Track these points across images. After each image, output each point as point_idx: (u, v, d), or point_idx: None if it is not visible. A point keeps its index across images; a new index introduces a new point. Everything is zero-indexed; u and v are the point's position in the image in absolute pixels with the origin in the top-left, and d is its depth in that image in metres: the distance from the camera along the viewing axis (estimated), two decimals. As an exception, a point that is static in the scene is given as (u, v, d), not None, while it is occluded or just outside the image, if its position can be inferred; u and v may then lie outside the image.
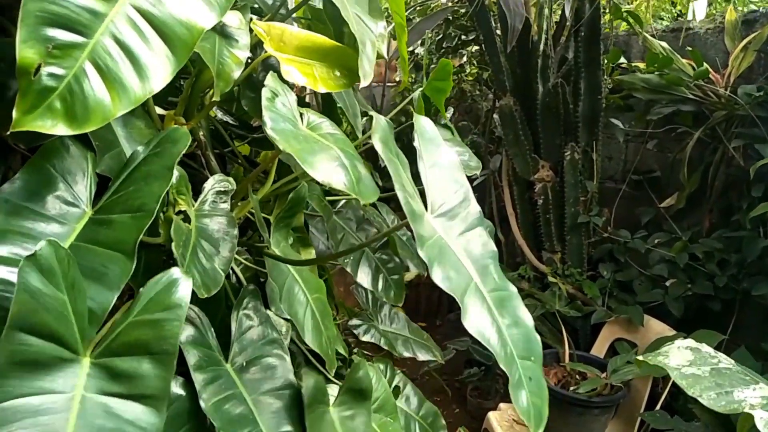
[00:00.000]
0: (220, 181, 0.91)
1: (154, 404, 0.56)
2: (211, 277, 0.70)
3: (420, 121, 0.84)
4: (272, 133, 0.69)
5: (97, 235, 0.64)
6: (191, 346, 0.78)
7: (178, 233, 0.70)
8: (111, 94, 0.53)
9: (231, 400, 0.77)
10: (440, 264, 0.67)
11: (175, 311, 0.59)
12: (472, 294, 0.68)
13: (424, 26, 2.55)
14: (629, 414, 2.16)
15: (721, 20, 2.29)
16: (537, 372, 0.69)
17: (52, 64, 0.51)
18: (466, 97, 3.12)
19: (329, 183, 0.67)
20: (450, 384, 2.89)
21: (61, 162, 0.69)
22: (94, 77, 0.53)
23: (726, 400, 1.04)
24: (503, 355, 0.66)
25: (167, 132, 0.77)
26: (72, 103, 0.51)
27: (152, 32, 0.57)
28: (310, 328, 0.93)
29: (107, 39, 0.54)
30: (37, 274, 0.53)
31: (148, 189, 0.67)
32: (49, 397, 0.52)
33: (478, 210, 0.81)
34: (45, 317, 0.53)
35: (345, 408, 0.91)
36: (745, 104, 2.03)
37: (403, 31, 1.24)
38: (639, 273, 2.39)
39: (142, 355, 0.57)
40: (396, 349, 1.50)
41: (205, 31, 0.87)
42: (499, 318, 0.69)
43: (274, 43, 0.89)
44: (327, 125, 0.85)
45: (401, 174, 0.74)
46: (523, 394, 0.65)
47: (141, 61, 0.56)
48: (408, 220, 0.69)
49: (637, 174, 2.58)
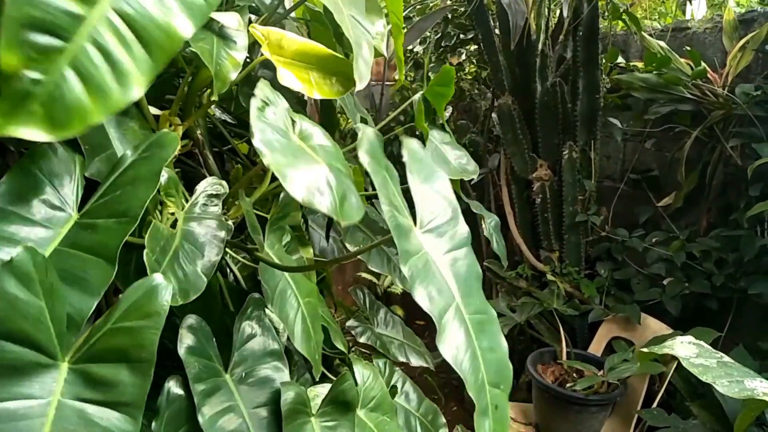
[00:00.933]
0: (212, 184, 0.91)
1: (130, 412, 0.57)
2: (191, 282, 0.70)
3: (409, 144, 0.83)
4: (259, 144, 0.66)
5: (81, 240, 0.64)
6: (191, 357, 0.78)
7: (154, 239, 0.70)
8: (92, 99, 0.53)
9: (228, 413, 0.77)
10: (422, 282, 0.66)
11: (153, 319, 0.59)
12: (451, 316, 0.67)
13: (423, 25, 2.55)
14: (626, 412, 2.17)
15: (719, 20, 2.29)
16: (504, 400, 0.68)
17: (33, 69, 0.51)
18: (465, 96, 3.12)
19: (310, 203, 0.65)
20: (448, 382, 2.90)
21: (48, 165, 0.69)
22: (75, 82, 0.52)
23: (739, 387, 1.05)
24: (473, 382, 0.65)
25: (156, 136, 0.77)
26: (52, 108, 0.51)
27: (132, 37, 0.56)
28: (300, 332, 0.93)
29: (88, 44, 0.54)
30: (14, 281, 0.53)
31: (134, 193, 0.67)
32: (26, 402, 0.53)
33: (466, 230, 0.80)
34: (22, 324, 0.54)
35: (328, 419, 0.90)
36: (743, 103, 2.03)
37: (400, 32, 1.24)
38: (636, 272, 2.39)
39: (120, 363, 0.57)
40: (390, 353, 1.50)
41: (203, 32, 0.88)
42: (476, 342, 0.68)
43: (273, 48, 0.90)
44: (319, 135, 0.83)
45: (389, 188, 0.73)
46: (487, 422, 0.65)
47: (122, 66, 0.55)
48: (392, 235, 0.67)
49: (635, 173, 2.58)
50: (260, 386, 0.85)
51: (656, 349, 1.25)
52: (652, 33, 2.44)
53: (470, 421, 2.40)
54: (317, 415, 0.90)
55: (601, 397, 2.07)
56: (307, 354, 0.91)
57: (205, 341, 0.83)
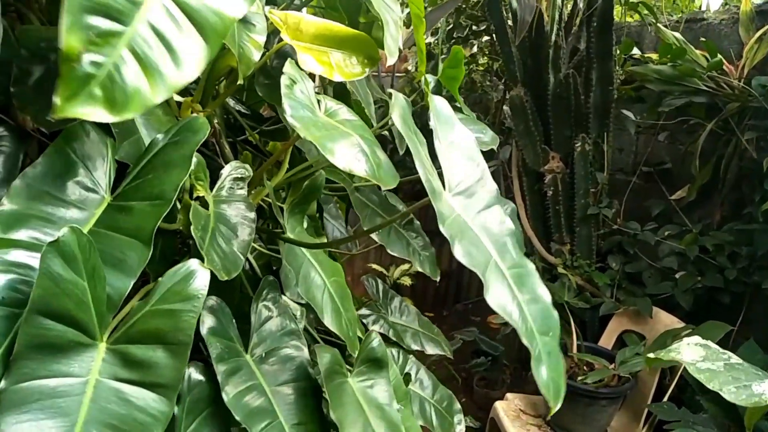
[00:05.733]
0: (237, 167, 0.91)
1: (165, 393, 0.57)
2: (231, 260, 0.70)
3: (435, 101, 0.84)
4: (292, 120, 0.69)
5: (115, 222, 0.64)
6: (213, 337, 0.78)
7: (197, 218, 0.71)
8: (149, 81, 0.53)
9: (251, 392, 0.78)
10: (461, 241, 0.67)
11: (191, 302, 0.60)
12: (492, 270, 0.68)
13: (435, 16, 2.53)
14: (636, 405, 2.17)
15: (735, 10, 2.27)
16: (555, 347, 0.69)
17: (93, 52, 0.51)
18: (477, 87, 3.11)
19: (351, 170, 0.67)
20: (457, 373, 2.90)
21: (81, 147, 0.69)
22: (133, 64, 0.53)
23: (746, 393, 1.04)
24: (524, 330, 0.66)
25: (187, 121, 0.77)
26: (112, 90, 0.51)
27: (185, 20, 0.57)
28: (330, 311, 0.93)
29: (144, 27, 0.54)
30: (60, 260, 0.53)
31: (167, 177, 0.67)
32: (65, 380, 0.53)
33: (495, 188, 0.81)
34: (65, 302, 0.54)
35: (364, 378, 0.92)
36: (759, 96, 2.01)
37: (421, 22, 1.23)
38: (648, 265, 2.38)
39: (157, 344, 0.58)
40: (404, 342, 1.50)
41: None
42: (519, 294, 0.69)
43: (291, 32, 0.89)
44: (344, 111, 0.85)
45: (420, 151, 0.74)
46: (544, 368, 0.65)
47: (176, 48, 0.55)
48: (428, 198, 0.69)
49: (648, 166, 2.57)
50: (282, 365, 0.86)
51: (662, 354, 1.24)
52: (667, 24, 2.42)
53: (479, 413, 2.40)
54: (354, 375, 0.92)
55: (611, 391, 2.07)
56: (339, 332, 0.92)
57: (225, 322, 0.83)
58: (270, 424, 0.76)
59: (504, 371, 2.88)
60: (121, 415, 0.55)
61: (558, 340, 0.70)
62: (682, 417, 1.82)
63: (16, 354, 0.53)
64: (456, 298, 3.86)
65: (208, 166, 1.05)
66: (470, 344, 2.87)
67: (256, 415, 0.75)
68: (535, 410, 2.31)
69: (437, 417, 1.40)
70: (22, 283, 0.58)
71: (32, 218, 0.61)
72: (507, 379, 2.87)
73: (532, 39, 2.47)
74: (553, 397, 0.64)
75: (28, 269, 0.59)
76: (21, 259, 0.59)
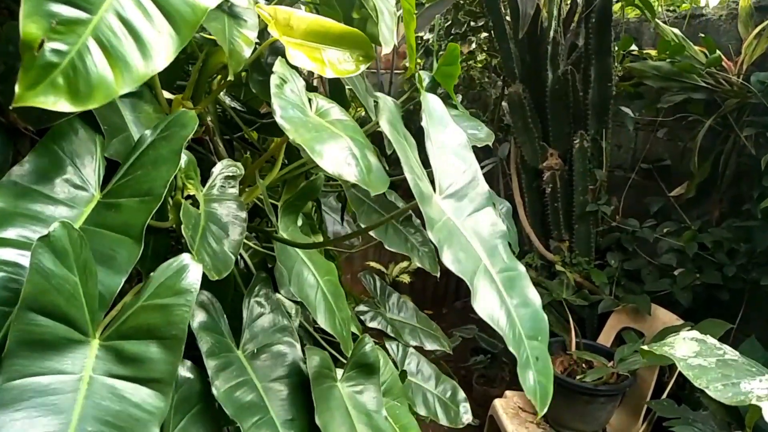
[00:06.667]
0: (228, 166, 0.91)
1: (160, 388, 0.57)
2: (221, 260, 0.70)
3: (428, 99, 0.83)
4: (282, 121, 0.68)
5: (105, 219, 0.64)
6: (204, 332, 0.78)
7: (188, 217, 0.70)
8: (114, 72, 0.53)
9: (242, 387, 0.77)
10: (450, 247, 0.66)
11: (184, 296, 0.59)
12: (481, 276, 0.67)
13: (433, 11, 2.52)
14: (635, 403, 2.16)
15: (734, 6, 2.26)
16: (543, 352, 0.69)
17: (56, 40, 0.50)
18: (475, 84, 3.10)
19: (340, 175, 0.66)
20: (456, 371, 2.90)
21: (69, 144, 0.68)
22: (97, 54, 0.52)
23: (732, 391, 1.03)
24: (512, 337, 0.66)
25: (175, 115, 0.77)
26: (75, 79, 0.50)
27: (155, 9, 0.56)
28: (323, 310, 0.92)
29: (111, 16, 0.53)
30: (50, 255, 0.53)
31: (156, 173, 0.67)
32: (58, 378, 0.53)
33: (486, 189, 0.80)
34: (56, 298, 0.53)
35: (353, 383, 0.91)
36: (758, 92, 2.01)
37: (412, 18, 1.23)
38: (647, 262, 2.38)
39: (151, 339, 0.57)
40: (402, 338, 1.50)
41: (215, 12, 0.87)
42: (508, 299, 0.68)
43: (281, 28, 0.88)
44: (336, 111, 0.83)
45: (409, 156, 0.74)
46: (530, 374, 0.65)
47: (144, 39, 0.55)
48: (417, 202, 0.68)
49: (647, 163, 2.56)
50: (274, 361, 0.86)
51: (656, 348, 1.23)
52: (666, 20, 2.41)
53: (478, 410, 2.39)
54: (343, 380, 0.91)
55: (610, 388, 2.07)
56: (333, 331, 0.91)
57: (217, 317, 0.83)
58: (261, 419, 0.75)
59: (503, 369, 2.88)
60: (116, 412, 0.54)
61: (547, 343, 0.70)
62: (682, 414, 1.81)
63: (7, 351, 0.52)
64: (455, 295, 3.85)
65: (203, 163, 1.04)
66: (469, 342, 2.87)
67: (248, 410, 0.75)
68: (534, 408, 2.30)
69: (441, 407, 1.41)
70: (11, 282, 0.57)
71: (21, 216, 0.60)
72: (506, 376, 2.86)
73: (531, 36, 2.46)
74: (540, 401, 0.64)
75: (17, 267, 0.58)
76: (10, 257, 0.58)
